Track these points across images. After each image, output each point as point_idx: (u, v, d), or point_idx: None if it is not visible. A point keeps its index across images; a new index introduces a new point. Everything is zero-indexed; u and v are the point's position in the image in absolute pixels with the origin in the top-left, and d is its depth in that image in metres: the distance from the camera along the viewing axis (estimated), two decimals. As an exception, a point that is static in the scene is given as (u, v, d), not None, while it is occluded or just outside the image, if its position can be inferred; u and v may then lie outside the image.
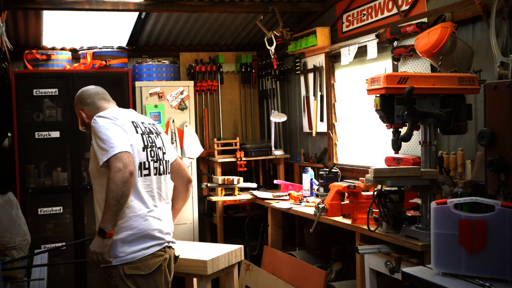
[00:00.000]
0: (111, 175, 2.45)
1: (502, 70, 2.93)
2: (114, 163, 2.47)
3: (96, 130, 2.58)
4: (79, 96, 2.89)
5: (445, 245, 2.21)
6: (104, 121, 2.61)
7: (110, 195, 2.45)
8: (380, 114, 2.99)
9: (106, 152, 2.50)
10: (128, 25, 5.20)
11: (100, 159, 2.52)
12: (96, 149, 2.56)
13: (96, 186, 2.68)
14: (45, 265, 2.82)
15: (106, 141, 2.53)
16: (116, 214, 2.49)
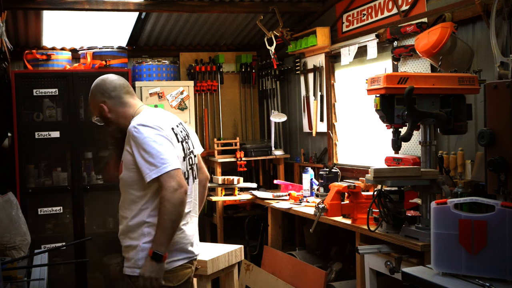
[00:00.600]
0: (167, 196, 2.32)
1: (502, 70, 2.93)
2: (168, 182, 2.33)
3: (141, 142, 2.38)
4: (101, 87, 2.58)
5: (445, 245, 2.21)
6: (150, 132, 2.40)
7: (166, 217, 2.32)
8: (380, 114, 2.99)
9: (156, 168, 2.34)
10: (128, 25, 5.20)
11: (147, 174, 2.36)
12: (141, 161, 2.38)
13: (128, 195, 2.50)
14: (45, 265, 2.82)
15: (155, 155, 2.36)
16: (172, 236, 2.38)
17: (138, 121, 2.46)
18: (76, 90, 4.89)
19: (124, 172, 2.49)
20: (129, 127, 2.44)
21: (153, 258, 2.35)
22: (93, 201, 5.01)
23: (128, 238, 2.49)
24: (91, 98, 2.61)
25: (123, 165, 2.49)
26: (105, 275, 5.11)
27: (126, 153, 2.47)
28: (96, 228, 5.06)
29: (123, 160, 2.49)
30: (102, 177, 5.04)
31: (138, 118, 2.49)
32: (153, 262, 2.35)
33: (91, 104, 2.62)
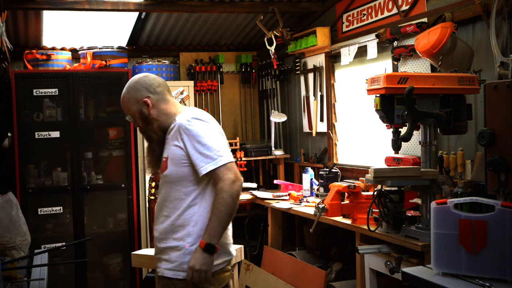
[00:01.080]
0: (225, 187, 2.29)
1: (502, 70, 2.93)
2: (226, 174, 2.31)
3: (195, 134, 2.35)
4: (146, 82, 2.51)
5: (445, 245, 2.21)
6: (204, 125, 2.39)
7: (223, 208, 2.29)
8: (380, 114, 2.99)
9: (212, 161, 2.31)
10: (128, 25, 5.20)
11: (202, 167, 2.32)
12: (195, 154, 2.34)
13: (173, 192, 2.43)
14: (45, 265, 2.82)
15: (211, 148, 2.33)
16: (225, 229, 2.35)
17: (189, 115, 2.42)
18: (76, 90, 4.89)
19: (171, 168, 2.42)
20: (180, 122, 2.40)
21: (206, 250, 2.29)
22: (93, 201, 5.01)
23: (171, 238, 2.42)
24: (131, 93, 2.50)
25: (170, 161, 2.42)
26: (105, 275, 5.11)
27: (174, 149, 2.41)
28: (96, 228, 5.06)
29: (168, 157, 2.43)
30: (102, 177, 5.05)
31: (187, 112, 2.45)
32: (205, 254, 2.30)
33: (129, 101, 2.51)
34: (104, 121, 5.12)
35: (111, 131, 5.09)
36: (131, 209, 5.00)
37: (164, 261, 2.44)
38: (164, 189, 2.48)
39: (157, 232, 2.48)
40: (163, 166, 2.47)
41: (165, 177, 2.46)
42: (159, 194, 2.54)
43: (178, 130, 2.39)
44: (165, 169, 2.44)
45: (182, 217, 2.40)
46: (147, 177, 4.93)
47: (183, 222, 2.40)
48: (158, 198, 2.54)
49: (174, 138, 2.42)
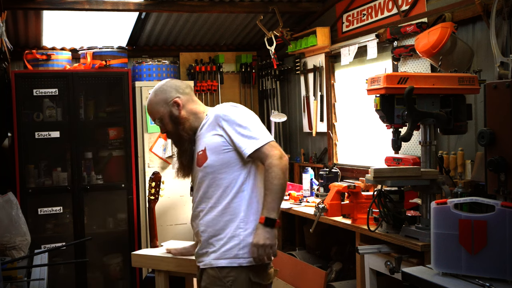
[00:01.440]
0: (274, 162, 2.31)
1: (502, 70, 2.93)
2: (272, 151, 2.34)
3: (235, 118, 2.38)
4: (174, 84, 2.57)
5: (445, 245, 2.21)
6: (240, 110, 2.44)
7: (276, 182, 2.29)
8: (380, 114, 2.99)
9: (256, 140, 2.34)
10: (128, 25, 5.20)
11: (246, 147, 2.35)
12: (237, 137, 2.36)
13: (217, 181, 2.42)
14: (45, 265, 2.82)
15: (253, 128, 2.37)
16: (281, 203, 2.34)
17: (223, 105, 2.48)
18: (76, 90, 4.89)
19: (212, 158, 2.41)
20: (216, 113, 2.43)
21: (266, 224, 2.29)
22: (93, 201, 5.01)
23: (222, 228, 2.39)
24: (160, 95, 2.54)
25: (209, 152, 2.42)
26: (105, 275, 5.11)
27: (211, 138, 2.42)
28: (96, 228, 5.06)
29: (205, 148, 2.43)
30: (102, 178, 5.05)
31: (219, 106, 2.50)
32: (267, 228, 2.29)
33: (157, 103, 2.54)
34: (104, 121, 5.12)
35: (111, 131, 5.09)
36: (131, 209, 5.01)
37: (212, 253, 2.41)
38: (206, 181, 2.45)
39: (202, 226, 2.45)
40: (200, 159, 2.45)
41: (206, 168, 2.43)
42: (198, 189, 2.50)
43: (215, 120, 2.42)
44: (204, 161, 2.43)
45: (232, 205, 2.39)
46: (147, 177, 4.93)
47: (234, 210, 2.39)
48: (197, 193, 2.51)
49: (210, 129, 2.44)
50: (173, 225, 5.13)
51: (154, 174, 4.31)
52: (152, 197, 4.28)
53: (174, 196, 5.12)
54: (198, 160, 2.47)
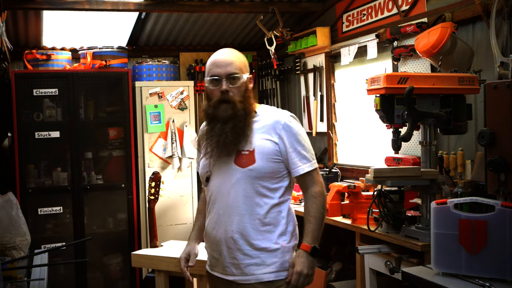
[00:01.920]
0: (321, 190, 2.31)
1: (502, 70, 2.93)
2: (319, 178, 2.33)
3: (296, 133, 2.31)
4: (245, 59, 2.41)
5: (445, 245, 2.21)
6: (300, 126, 2.37)
7: (323, 211, 2.29)
8: (380, 114, 2.99)
9: (309, 162, 2.30)
10: (128, 25, 5.20)
11: (299, 167, 2.29)
12: (293, 153, 2.29)
13: (259, 188, 2.28)
14: (45, 265, 2.82)
15: (308, 150, 2.33)
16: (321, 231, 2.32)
17: (285, 112, 2.38)
18: (76, 90, 4.89)
19: (261, 163, 2.26)
20: (277, 118, 2.33)
21: (312, 253, 2.25)
22: (93, 201, 5.01)
23: (261, 239, 2.27)
24: (244, 60, 2.40)
25: (258, 155, 2.27)
26: (105, 275, 5.11)
27: (265, 142, 2.29)
28: (96, 228, 5.06)
29: (255, 150, 2.27)
30: (101, 177, 5.05)
31: (277, 110, 2.41)
32: (311, 258, 2.26)
33: (242, 62, 2.37)
34: (104, 121, 5.12)
35: (111, 131, 5.09)
36: (131, 209, 5.01)
37: (254, 266, 2.27)
38: (244, 185, 2.28)
39: (237, 234, 2.27)
40: (245, 159, 2.27)
41: (251, 171, 2.27)
42: (229, 191, 2.30)
43: (274, 125, 2.31)
44: (251, 163, 2.26)
45: (270, 215, 2.28)
46: (147, 177, 4.93)
47: (272, 221, 2.29)
48: (227, 196, 2.30)
49: (263, 132, 2.30)
50: (173, 225, 5.13)
51: (154, 174, 4.31)
52: (152, 197, 4.28)
53: (174, 196, 5.12)
54: (242, 159, 2.29)
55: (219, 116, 2.30)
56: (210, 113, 2.32)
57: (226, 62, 2.35)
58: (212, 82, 2.36)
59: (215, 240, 2.33)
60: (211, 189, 2.37)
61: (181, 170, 5.13)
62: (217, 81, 2.34)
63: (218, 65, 2.38)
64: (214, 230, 2.33)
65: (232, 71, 2.32)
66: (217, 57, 2.43)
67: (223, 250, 2.30)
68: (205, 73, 2.42)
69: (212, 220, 2.36)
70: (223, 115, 2.29)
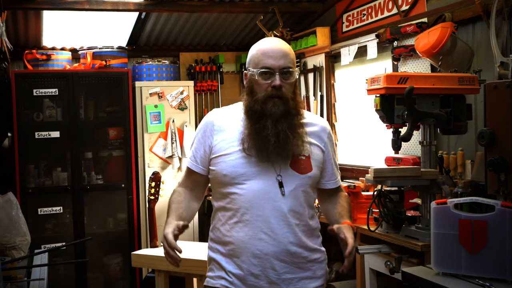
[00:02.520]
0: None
1: (502, 70, 2.93)
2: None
3: (333, 143, 2.25)
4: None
5: (445, 245, 2.21)
6: None
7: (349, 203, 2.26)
8: (380, 114, 2.99)
9: (339, 176, 2.26)
10: (128, 25, 5.20)
11: (337, 179, 2.22)
12: (332, 164, 2.21)
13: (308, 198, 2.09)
14: (45, 265, 2.82)
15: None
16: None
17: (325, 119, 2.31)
18: (76, 90, 4.89)
19: (315, 171, 2.10)
20: (323, 124, 2.24)
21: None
22: (93, 201, 5.02)
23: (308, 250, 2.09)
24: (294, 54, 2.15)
25: (313, 162, 2.10)
26: (105, 275, 5.11)
27: (316, 149, 2.14)
28: (96, 228, 5.06)
29: (310, 156, 2.10)
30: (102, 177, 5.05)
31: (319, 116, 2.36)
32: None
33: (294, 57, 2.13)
34: (104, 121, 5.13)
35: (111, 131, 5.09)
36: (131, 209, 5.01)
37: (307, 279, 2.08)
38: (301, 193, 2.06)
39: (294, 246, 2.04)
40: (304, 165, 2.07)
41: (310, 179, 2.09)
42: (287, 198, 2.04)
43: (323, 131, 2.20)
44: (309, 170, 2.08)
45: (312, 225, 2.12)
46: (147, 177, 4.93)
47: (314, 230, 2.14)
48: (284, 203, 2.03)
49: (314, 137, 2.15)
50: (173, 225, 5.12)
51: (154, 174, 4.31)
52: (152, 197, 4.28)
53: (174, 196, 5.12)
54: (300, 164, 2.07)
55: (269, 112, 2.04)
56: (258, 109, 2.03)
57: (281, 53, 2.06)
58: (262, 74, 2.06)
59: (260, 254, 2.01)
60: (247, 193, 2.02)
61: (181, 170, 5.12)
62: (269, 74, 2.05)
63: (271, 56, 2.06)
64: (258, 241, 2.00)
65: (287, 64, 2.06)
66: (269, 46, 2.09)
67: (273, 265, 2.01)
68: (250, 63, 2.11)
69: (253, 230, 2.01)
70: (274, 111, 2.05)
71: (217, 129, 2.11)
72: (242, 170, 2.03)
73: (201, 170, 2.15)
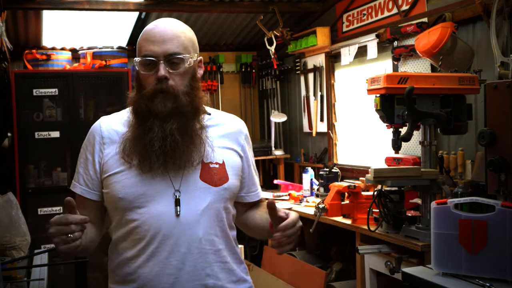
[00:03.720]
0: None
1: (502, 70, 2.93)
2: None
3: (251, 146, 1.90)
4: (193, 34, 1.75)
5: (445, 245, 2.21)
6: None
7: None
8: (380, 114, 2.99)
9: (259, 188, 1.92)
10: (128, 25, 5.20)
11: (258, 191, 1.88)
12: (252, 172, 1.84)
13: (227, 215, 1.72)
14: (45, 265, 2.82)
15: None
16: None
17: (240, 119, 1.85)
18: (76, 90, 4.89)
19: (233, 181, 1.70)
20: (241, 124, 1.81)
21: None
22: (93, 201, 5.01)
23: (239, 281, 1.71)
24: (191, 36, 1.70)
25: (230, 170, 1.70)
26: (105, 275, 5.10)
27: (231, 154, 1.73)
28: (96, 228, 5.05)
29: (225, 163, 1.69)
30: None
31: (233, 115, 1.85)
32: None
33: (189, 39, 1.68)
34: (104, 121, 5.12)
35: (111, 131, 5.08)
36: (131, 209, 5.00)
37: None
38: (217, 210, 1.65)
39: (212, 278, 1.62)
40: (218, 175, 1.66)
41: (226, 191, 1.67)
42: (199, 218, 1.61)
43: (239, 134, 1.77)
44: (225, 180, 1.67)
45: (236, 248, 1.73)
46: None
47: (237, 258, 1.73)
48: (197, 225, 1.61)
49: (230, 141, 1.75)
50: (173, 225, 5.13)
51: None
52: (152, 197, 4.28)
53: (174, 196, 5.12)
54: (214, 174, 1.66)
55: (155, 111, 1.61)
56: (143, 107, 1.63)
57: (167, 36, 1.64)
58: (144, 64, 1.68)
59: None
60: (148, 218, 1.60)
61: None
62: (151, 64, 1.66)
63: (153, 41, 1.65)
64: (167, 277, 1.59)
65: (174, 50, 1.63)
66: (153, 29, 1.67)
67: None
68: (136, 51, 1.76)
69: (159, 264, 1.59)
70: (160, 109, 1.60)
71: (107, 141, 1.75)
72: (141, 190, 1.60)
73: (95, 196, 1.71)
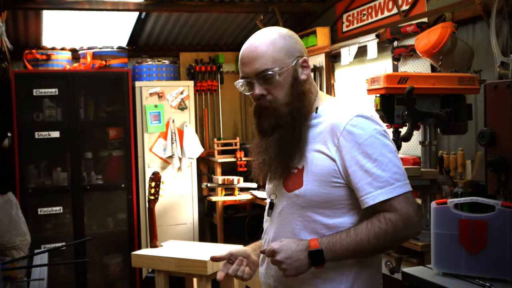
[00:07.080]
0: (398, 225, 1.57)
1: (502, 70, 2.93)
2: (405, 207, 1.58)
3: (364, 141, 1.59)
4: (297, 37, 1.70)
5: (445, 245, 2.21)
6: (376, 129, 1.61)
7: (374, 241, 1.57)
8: (380, 114, 2.99)
9: (387, 186, 1.57)
10: (128, 25, 5.20)
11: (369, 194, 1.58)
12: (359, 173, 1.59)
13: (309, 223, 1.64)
14: (45, 265, 2.82)
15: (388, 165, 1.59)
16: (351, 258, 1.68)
17: (349, 109, 1.62)
18: (76, 90, 4.89)
19: (310, 187, 1.61)
20: (336, 120, 1.62)
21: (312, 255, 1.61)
22: (93, 201, 5.01)
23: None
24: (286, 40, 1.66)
25: (309, 176, 1.62)
26: (105, 275, 5.11)
27: (317, 157, 1.62)
28: (96, 228, 5.06)
29: (304, 168, 1.63)
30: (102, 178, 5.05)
31: (339, 104, 1.67)
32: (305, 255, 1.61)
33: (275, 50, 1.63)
34: (104, 121, 5.12)
35: (111, 131, 5.09)
36: (131, 209, 5.01)
37: None
38: (290, 216, 1.65)
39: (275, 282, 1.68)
40: (291, 180, 1.65)
41: (297, 198, 1.63)
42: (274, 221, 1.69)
43: (333, 132, 1.61)
44: (297, 186, 1.63)
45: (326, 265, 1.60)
46: (147, 177, 4.93)
47: (330, 274, 1.63)
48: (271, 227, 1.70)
49: (321, 141, 1.63)
50: (173, 225, 5.13)
51: (154, 174, 4.31)
52: (152, 197, 4.28)
53: (174, 196, 5.12)
54: (290, 180, 1.65)
55: (262, 128, 1.68)
56: (255, 126, 1.72)
57: (253, 55, 1.63)
58: (243, 86, 1.69)
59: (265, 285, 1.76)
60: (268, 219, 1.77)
61: (181, 170, 5.13)
62: (248, 84, 1.67)
63: (244, 62, 1.66)
64: (264, 275, 1.76)
65: (262, 67, 1.61)
66: (243, 50, 1.68)
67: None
68: None
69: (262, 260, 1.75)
70: (265, 125, 1.66)
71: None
72: (267, 196, 1.84)
73: None
